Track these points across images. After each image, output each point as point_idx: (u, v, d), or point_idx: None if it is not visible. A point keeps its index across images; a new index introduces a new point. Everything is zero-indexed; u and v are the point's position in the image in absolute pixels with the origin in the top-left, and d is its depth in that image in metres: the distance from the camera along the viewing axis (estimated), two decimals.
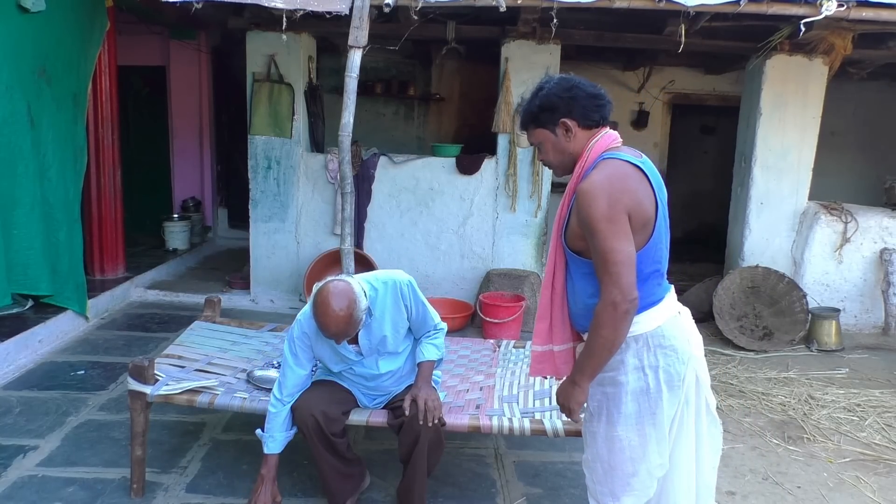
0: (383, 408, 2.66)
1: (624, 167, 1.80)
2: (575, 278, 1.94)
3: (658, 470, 1.93)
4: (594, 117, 1.86)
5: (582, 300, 1.94)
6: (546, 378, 3.06)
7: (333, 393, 2.57)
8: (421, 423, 2.39)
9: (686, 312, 2.00)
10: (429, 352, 2.57)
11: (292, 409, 2.49)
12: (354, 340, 2.48)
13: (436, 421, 2.41)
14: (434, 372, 2.65)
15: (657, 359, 1.86)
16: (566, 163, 1.93)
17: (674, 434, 1.93)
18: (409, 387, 2.59)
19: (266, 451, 2.51)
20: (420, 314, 2.53)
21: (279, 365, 3.05)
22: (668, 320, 1.89)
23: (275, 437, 2.49)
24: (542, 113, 1.89)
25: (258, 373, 2.94)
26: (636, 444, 1.90)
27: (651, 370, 1.87)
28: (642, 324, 1.86)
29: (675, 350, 1.88)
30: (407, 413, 2.42)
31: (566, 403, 1.95)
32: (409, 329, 2.58)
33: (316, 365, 2.64)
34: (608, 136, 1.87)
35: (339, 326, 2.24)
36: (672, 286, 2.01)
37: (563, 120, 1.86)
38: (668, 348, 1.87)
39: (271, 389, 2.81)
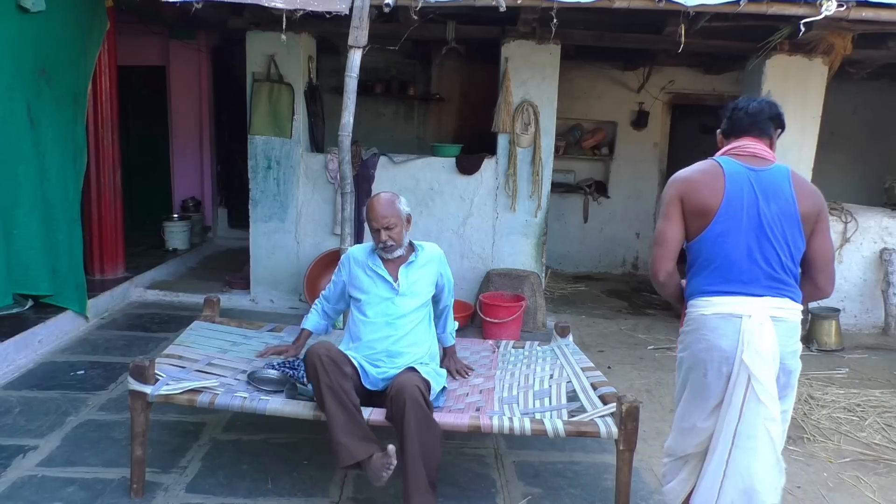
0: (382, 401, 2.68)
1: (705, 164, 2.21)
2: None
3: (700, 433, 2.14)
4: (727, 132, 2.33)
5: None
6: (547, 378, 3.07)
7: (342, 355, 2.71)
8: (455, 378, 3.11)
9: (766, 323, 2.01)
10: (447, 340, 3.26)
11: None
12: (395, 275, 2.89)
13: (466, 374, 3.17)
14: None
15: (688, 341, 2.16)
16: None
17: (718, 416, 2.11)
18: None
19: (301, 325, 3.19)
20: (449, 283, 3.10)
21: (278, 366, 3.06)
22: (717, 314, 2.05)
23: (308, 318, 3.17)
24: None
25: (258, 373, 2.94)
26: (683, 402, 2.22)
27: (685, 348, 2.18)
28: (690, 308, 2.18)
29: (707, 342, 2.07)
30: (441, 365, 3.07)
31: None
32: (432, 299, 3.02)
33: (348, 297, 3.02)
34: (734, 143, 2.26)
35: (382, 204, 2.79)
36: (757, 297, 2.04)
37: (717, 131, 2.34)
38: (701, 339, 2.10)
39: (271, 390, 2.83)
